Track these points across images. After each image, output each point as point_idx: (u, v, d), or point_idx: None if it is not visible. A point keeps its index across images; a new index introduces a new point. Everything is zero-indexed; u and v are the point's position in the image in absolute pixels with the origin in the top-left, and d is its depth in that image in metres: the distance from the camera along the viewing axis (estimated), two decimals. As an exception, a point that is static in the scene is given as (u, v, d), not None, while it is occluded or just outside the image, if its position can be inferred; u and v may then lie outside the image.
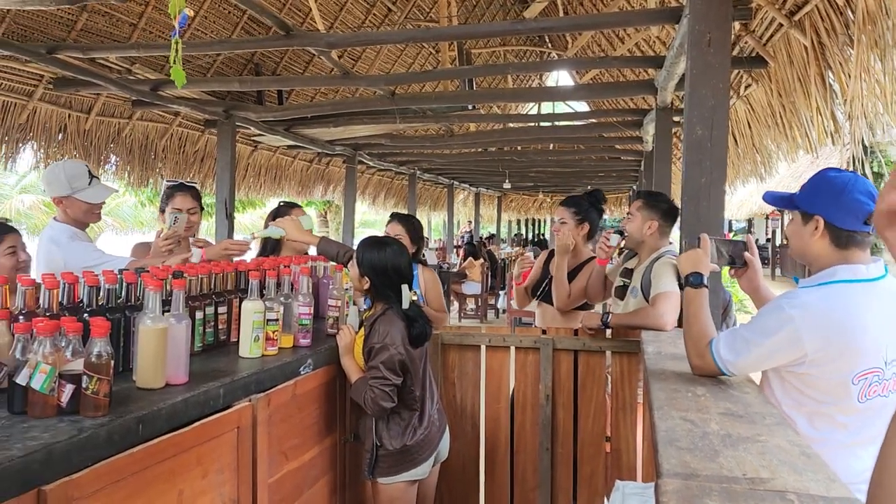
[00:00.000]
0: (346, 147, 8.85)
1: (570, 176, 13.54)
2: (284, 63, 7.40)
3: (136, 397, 1.75)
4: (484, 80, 9.92)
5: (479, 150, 10.39)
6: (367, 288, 2.66)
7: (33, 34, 4.84)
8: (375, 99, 6.25)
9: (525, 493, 3.33)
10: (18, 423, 1.51)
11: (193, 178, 7.38)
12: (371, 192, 12.92)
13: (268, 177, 9.00)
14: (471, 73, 7.01)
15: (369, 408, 2.50)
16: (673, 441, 1.27)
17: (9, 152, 5.35)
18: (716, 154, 2.88)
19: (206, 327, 2.31)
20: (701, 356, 1.85)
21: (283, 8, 6.77)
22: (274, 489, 2.18)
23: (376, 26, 8.30)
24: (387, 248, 2.68)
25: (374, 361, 2.52)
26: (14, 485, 1.28)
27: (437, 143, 8.95)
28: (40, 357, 1.54)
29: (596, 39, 9.10)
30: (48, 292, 1.82)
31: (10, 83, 5.12)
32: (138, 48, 4.86)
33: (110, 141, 6.29)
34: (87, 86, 5.25)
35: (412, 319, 2.62)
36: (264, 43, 5.67)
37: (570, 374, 3.29)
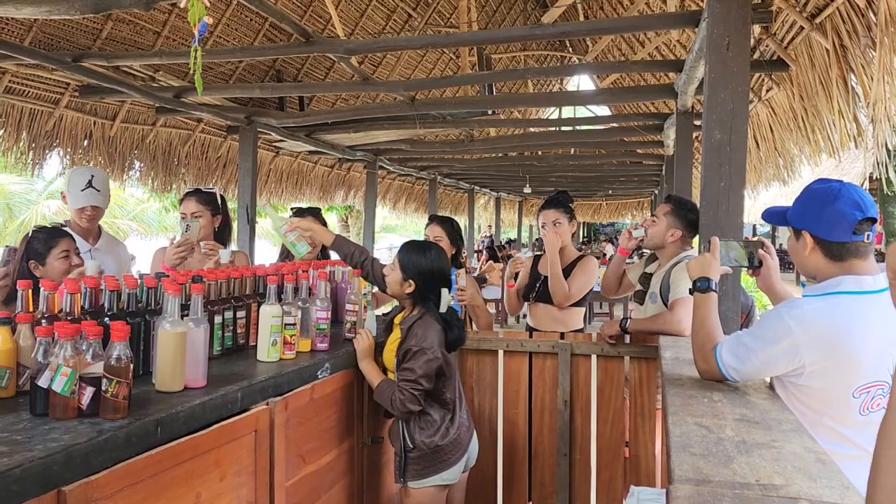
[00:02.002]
0: (367, 152, 8.90)
1: (591, 180, 13.47)
2: (305, 69, 7.46)
3: (154, 400, 1.77)
4: (504, 84, 9.94)
5: (500, 154, 10.39)
6: (411, 292, 2.66)
7: (59, 43, 4.94)
8: (396, 104, 6.27)
9: (543, 498, 3.32)
10: (40, 424, 1.54)
11: (216, 183, 7.46)
12: (392, 196, 12.96)
13: (289, 182, 9.07)
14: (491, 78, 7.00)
15: (396, 409, 2.51)
16: (686, 447, 1.27)
17: (36, 158, 5.44)
18: (735, 158, 2.86)
19: (225, 331, 2.33)
20: (706, 361, 1.84)
21: (303, 15, 6.83)
22: (291, 492, 2.20)
23: (396, 32, 8.34)
24: (430, 251, 2.70)
25: (409, 363, 2.51)
26: (35, 485, 1.31)
27: (458, 147, 8.95)
28: (61, 360, 1.57)
29: (616, 43, 9.07)
30: (70, 296, 1.86)
31: (37, 91, 5.22)
32: (161, 56, 4.93)
33: (134, 147, 6.38)
34: (112, 93, 5.33)
35: (449, 323, 2.63)
36: (285, 50, 5.72)
37: (588, 380, 3.28)
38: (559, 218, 3.77)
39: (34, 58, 4.38)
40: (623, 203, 19.16)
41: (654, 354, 3.06)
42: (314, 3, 6.91)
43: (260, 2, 3.80)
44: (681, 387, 1.79)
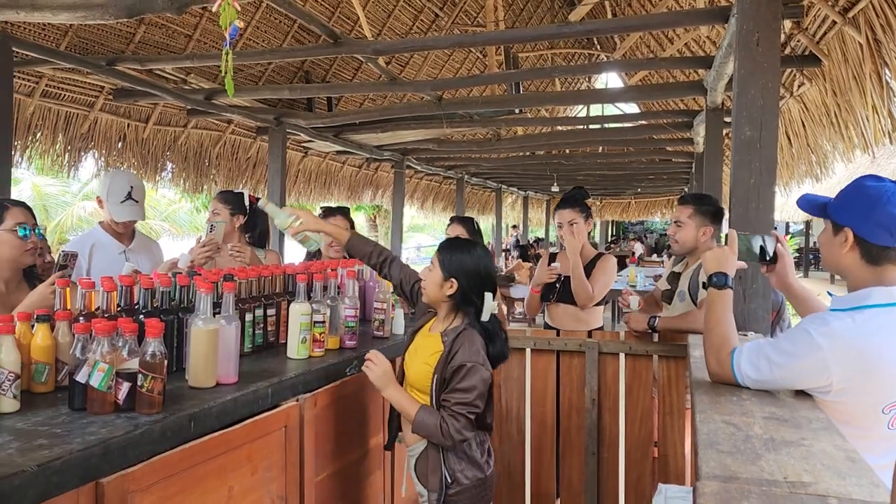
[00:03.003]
0: (395, 152, 8.94)
1: (620, 179, 13.37)
2: (333, 70, 7.52)
3: (188, 395, 1.81)
4: (531, 83, 9.91)
5: (527, 153, 10.37)
6: (452, 293, 2.30)
7: (94, 47, 5.04)
8: (423, 104, 6.31)
9: (571, 497, 3.32)
10: (78, 418, 1.58)
11: (245, 184, 7.56)
12: (419, 196, 13.00)
13: (317, 182, 9.16)
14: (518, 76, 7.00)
15: (448, 439, 2.15)
16: (713, 444, 1.27)
17: (72, 161, 5.57)
18: (765, 155, 2.83)
19: (256, 329, 2.37)
20: (720, 365, 1.76)
21: (331, 17, 6.89)
22: (320, 488, 2.23)
23: (423, 32, 8.37)
24: (476, 248, 2.37)
25: (462, 383, 2.16)
26: (74, 477, 1.35)
27: (485, 147, 8.96)
28: (99, 356, 1.62)
29: (645, 40, 9.00)
30: (106, 294, 1.91)
31: (73, 94, 5.34)
32: (193, 59, 5.02)
33: (167, 149, 6.49)
34: (145, 96, 5.44)
35: (491, 335, 2.30)
36: (314, 51, 5.78)
37: (616, 378, 3.27)
38: (575, 218, 3.78)
39: (70, 62, 4.49)
40: (652, 201, 18.99)
41: (682, 353, 3.04)
42: (342, 5, 6.97)
43: (289, 4, 3.85)
44: (709, 385, 1.78)
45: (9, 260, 2.49)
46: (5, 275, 2.51)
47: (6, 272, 2.51)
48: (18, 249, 2.48)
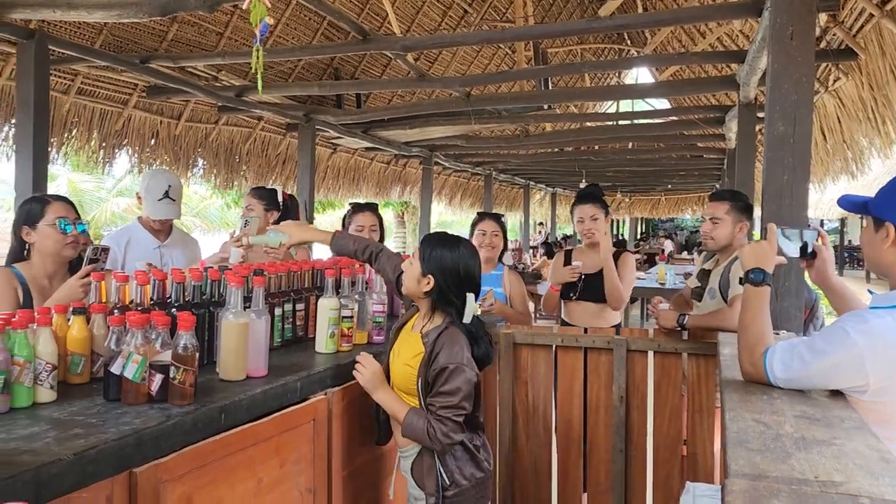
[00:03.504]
0: (423, 148, 8.96)
1: (650, 175, 13.25)
2: (362, 67, 7.55)
3: (218, 388, 1.84)
4: (560, 79, 9.85)
5: (556, 149, 10.31)
6: (428, 290, 2.22)
7: (128, 45, 5.13)
8: (451, 100, 6.31)
9: (598, 494, 3.30)
10: (113, 409, 1.62)
11: (275, 180, 7.63)
12: (447, 192, 13.02)
13: (346, 178, 9.21)
14: (547, 72, 6.98)
15: (437, 443, 2.09)
16: (743, 442, 1.25)
17: (106, 157, 5.68)
18: (799, 150, 2.79)
19: (285, 323, 2.40)
20: (754, 365, 1.72)
21: (360, 13, 6.92)
22: (348, 481, 2.25)
23: (452, 28, 8.37)
24: (460, 246, 2.25)
25: (446, 385, 2.09)
26: (109, 466, 1.38)
27: (513, 143, 8.94)
28: (133, 348, 1.65)
29: (676, 35, 8.89)
30: (140, 288, 1.94)
31: (108, 92, 5.44)
32: (224, 56, 5.07)
33: (198, 145, 6.58)
34: (177, 93, 5.52)
35: (475, 337, 2.21)
36: (343, 48, 5.81)
37: (644, 376, 3.24)
38: (596, 213, 3.73)
39: (105, 60, 4.57)
40: (683, 198, 18.77)
41: (712, 351, 3.01)
42: (371, 2, 6.99)
43: (318, 1, 3.87)
44: (739, 383, 1.76)
45: (51, 254, 2.54)
46: (49, 269, 2.57)
47: (49, 266, 2.57)
48: (60, 243, 2.53)
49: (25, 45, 3.89)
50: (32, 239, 2.54)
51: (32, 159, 3.90)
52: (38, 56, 3.90)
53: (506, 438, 3.40)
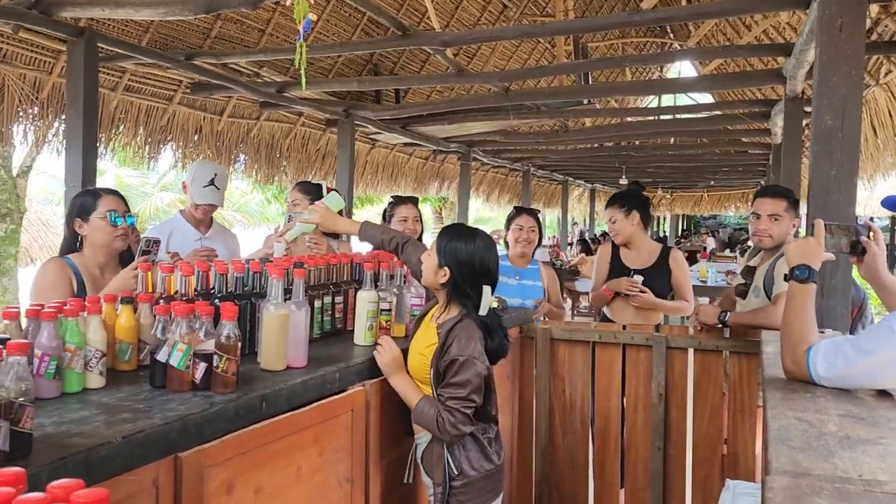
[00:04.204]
0: (461, 144, 8.97)
1: (692, 171, 13.05)
2: (401, 63, 7.59)
3: (259, 377, 1.88)
4: (601, 73, 9.76)
5: (595, 145, 10.23)
6: (444, 282, 2.25)
7: (173, 42, 5.23)
8: (490, 96, 6.30)
9: (636, 492, 3.28)
10: (158, 395, 1.66)
11: (315, 175, 7.71)
12: (485, 188, 13.00)
13: (384, 174, 9.27)
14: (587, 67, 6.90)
15: (445, 433, 2.12)
16: (785, 440, 1.24)
17: (151, 152, 5.81)
18: (847, 145, 2.72)
19: (324, 315, 2.43)
20: (796, 362, 1.69)
21: (400, 9, 6.94)
22: (385, 471, 2.27)
23: (491, 23, 8.35)
24: (476, 238, 2.26)
25: (456, 378, 2.11)
26: (155, 450, 1.42)
27: (552, 139, 8.88)
28: (178, 337, 1.69)
29: (720, 27, 8.73)
30: (184, 279, 1.99)
31: (154, 89, 5.56)
32: (266, 52, 5.15)
33: (240, 141, 6.69)
34: (220, 89, 5.61)
35: (490, 330, 2.23)
36: (382, 44, 5.84)
37: (684, 374, 3.21)
38: (614, 216, 3.81)
39: (151, 57, 4.68)
40: (726, 195, 18.43)
41: (755, 350, 2.96)
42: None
43: (359, -3, 3.90)
44: (782, 381, 1.73)
45: (102, 245, 2.62)
46: (100, 260, 2.64)
47: (101, 257, 2.64)
48: (110, 235, 2.61)
49: (75, 43, 4.00)
50: (84, 231, 2.62)
51: (82, 154, 4.00)
52: (87, 54, 4.00)
53: (542, 434, 3.40)
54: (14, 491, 0.76)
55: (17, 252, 8.20)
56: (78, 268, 2.57)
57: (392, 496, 2.34)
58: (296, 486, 1.83)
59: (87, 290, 2.53)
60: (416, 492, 2.48)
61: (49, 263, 2.61)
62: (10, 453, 1.21)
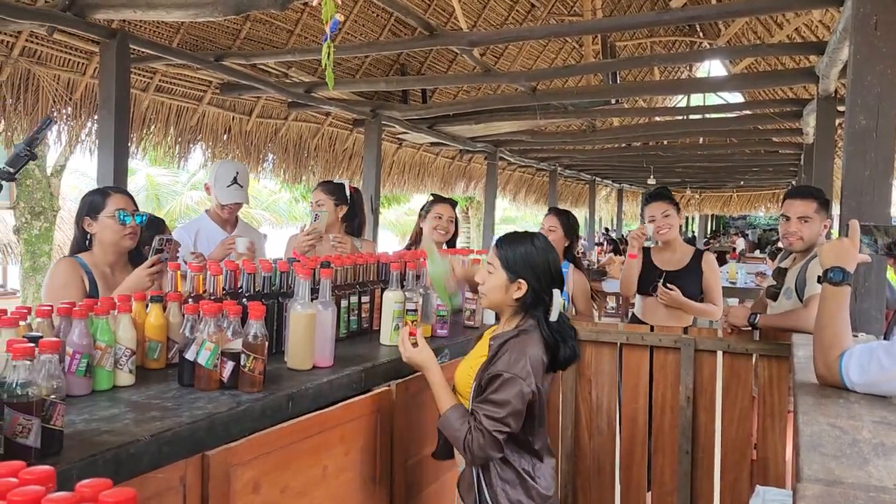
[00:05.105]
0: (488, 144, 8.95)
1: (721, 171, 12.88)
2: (429, 62, 7.59)
3: (286, 377, 1.89)
4: (629, 72, 9.68)
5: (623, 145, 10.14)
6: (520, 296, 2.03)
7: (203, 43, 5.29)
8: (517, 95, 6.28)
9: (662, 496, 3.24)
10: (186, 394, 1.68)
11: (342, 175, 7.75)
12: (511, 188, 12.95)
13: (411, 173, 9.28)
14: (615, 66, 6.86)
15: (468, 452, 1.92)
16: (817, 446, 1.21)
17: (182, 152, 5.88)
18: (882, 146, 2.67)
19: (350, 315, 2.44)
20: (829, 368, 1.64)
21: (427, 9, 6.94)
22: (411, 472, 2.27)
23: (519, 23, 8.32)
24: (537, 239, 2.09)
25: (495, 394, 1.90)
26: (183, 448, 1.44)
27: (579, 138, 8.82)
28: (206, 336, 1.71)
29: (751, 25, 8.61)
30: (213, 278, 2.01)
31: (184, 89, 5.63)
32: (294, 53, 5.18)
33: (268, 141, 6.74)
34: (249, 90, 5.66)
35: (563, 336, 2.03)
36: (409, 44, 5.85)
37: (713, 377, 3.16)
38: (668, 209, 3.71)
39: (181, 58, 4.73)
40: (756, 195, 18.18)
41: (785, 353, 2.91)
42: (438, -3, 7.02)
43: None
44: (814, 386, 1.70)
45: (110, 244, 2.63)
46: (110, 259, 2.66)
47: (110, 256, 2.66)
48: (118, 234, 2.62)
49: (108, 45, 4.06)
50: (94, 229, 2.63)
51: (114, 154, 4.06)
52: (119, 55, 4.06)
53: (568, 436, 3.38)
54: (43, 490, 0.77)
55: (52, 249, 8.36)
56: (89, 267, 2.59)
57: (418, 497, 2.34)
58: (322, 485, 1.84)
59: (98, 289, 2.56)
60: (441, 493, 2.48)
61: (60, 263, 2.62)
62: (41, 450, 1.23)
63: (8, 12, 3.52)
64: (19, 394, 1.21)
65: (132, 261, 2.72)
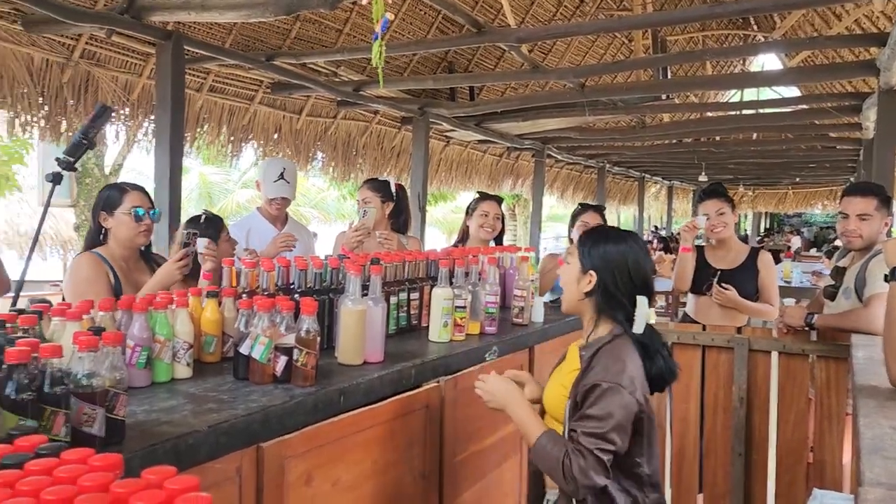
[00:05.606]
0: (535, 141, 8.90)
1: (775, 167, 12.55)
2: (476, 60, 7.59)
3: (337, 372, 1.92)
4: (680, 67, 9.50)
5: (673, 141, 9.97)
6: (589, 290, 1.86)
7: (254, 44, 5.39)
8: (565, 92, 6.23)
9: (714, 499, 3.19)
10: (241, 387, 1.72)
11: (389, 172, 7.80)
12: (559, 185, 12.85)
13: (459, 171, 9.29)
14: (665, 61, 6.75)
15: (570, 482, 1.64)
16: (879, 450, 1.17)
17: (234, 151, 6.00)
18: (948, 140, 2.57)
19: (400, 311, 2.46)
20: None
21: (475, 6, 6.94)
22: (459, 468, 2.28)
23: (567, 18, 8.25)
24: (628, 239, 1.88)
25: (594, 408, 1.67)
26: (239, 440, 1.47)
27: (628, 135, 8.71)
28: (260, 330, 1.74)
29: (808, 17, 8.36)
30: (266, 274, 2.05)
31: (236, 89, 5.74)
32: (343, 52, 5.24)
33: (317, 139, 6.83)
34: (299, 89, 5.75)
35: (649, 351, 1.81)
36: (458, 41, 5.86)
37: (767, 378, 3.09)
38: (722, 208, 3.61)
39: (234, 58, 4.83)
40: (812, 192, 17.66)
41: (844, 354, 2.83)
42: (485, -6, 7.01)
43: (435, -5, 3.92)
44: (875, 389, 1.65)
45: (125, 239, 2.69)
46: (125, 253, 2.72)
47: (125, 251, 2.71)
48: (133, 230, 2.67)
49: (164, 46, 4.17)
50: (109, 224, 2.68)
51: (169, 153, 4.17)
52: (174, 56, 4.16)
53: (617, 435, 3.34)
54: (112, 476, 0.80)
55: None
56: (109, 261, 2.65)
57: (466, 493, 2.34)
58: (372, 479, 1.86)
59: (121, 282, 2.62)
60: (489, 489, 2.48)
61: (83, 259, 2.66)
62: (105, 438, 1.27)
63: (69, 16, 3.65)
64: (85, 384, 1.25)
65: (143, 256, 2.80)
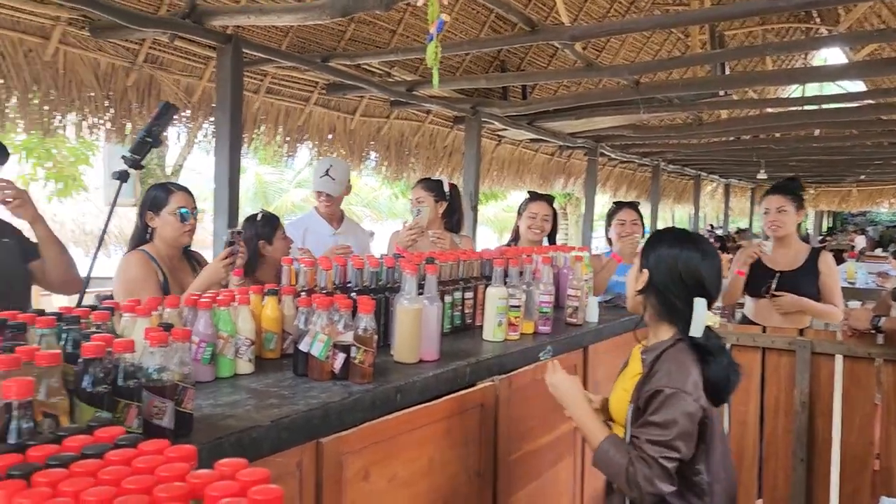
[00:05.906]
0: (588, 139, 8.81)
1: (839, 164, 12.14)
2: (528, 58, 7.55)
3: (393, 370, 1.94)
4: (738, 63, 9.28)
5: (731, 138, 9.74)
6: (642, 288, 1.86)
7: (310, 45, 5.47)
8: (619, 89, 6.15)
9: (774, 503, 3.11)
10: (301, 383, 1.76)
11: (441, 172, 7.84)
12: (612, 184, 12.69)
13: (510, 170, 9.26)
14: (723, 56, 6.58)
15: (634, 488, 1.65)
16: (956, 458, 1.13)
17: (289, 151, 6.11)
18: None
19: (454, 310, 2.47)
20: None
21: (528, 4, 6.91)
22: (513, 467, 2.28)
23: (621, 14, 8.14)
24: (689, 241, 1.84)
25: (657, 415, 1.66)
26: (299, 434, 1.51)
27: (684, 132, 8.54)
28: (318, 328, 1.78)
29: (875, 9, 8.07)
30: (324, 272, 2.09)
31: (292, 90, 5.85)
32: (397, 52, 5.29)
33: (370, 139, 6.91)
34: (354, 89, 5.82)
35: (707, 356, 1.75)
36: (510, 40, 5.85)
37: (830, 381, 3.01)
38: (784, 205, 3.51)
39: (291, 60, 4.93)
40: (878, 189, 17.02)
41: (913, 358, 2.73)
42: (538, -9, 6.97)
43: (488, -6, 3.92)
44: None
45: (170, 238, 2.78)
46: (170, 252, 2.81)
47: (171, 250, 2.81)
48: (178, 231, 2.77)
49: (223, 49, 4.27)
50: (155, 223, 2.78)
51: (228, 153, 4.27)
52: (234, 59, 4.27)
53: (673, 438, 3.30)
54: (188, 466, 0.83)
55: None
56: (157, 260, 2.74)
57: (521, 492, 2.35)
58: (427, 477, 1.88)
59: (168, 280, 2.70)
60: (544, 489, 2.47)
61: (132, 257, 2.74)
62: (174, 431, 1.32)
63: (134, 21, 3.78)
64: (155, 378, 1.30)
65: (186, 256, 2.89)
